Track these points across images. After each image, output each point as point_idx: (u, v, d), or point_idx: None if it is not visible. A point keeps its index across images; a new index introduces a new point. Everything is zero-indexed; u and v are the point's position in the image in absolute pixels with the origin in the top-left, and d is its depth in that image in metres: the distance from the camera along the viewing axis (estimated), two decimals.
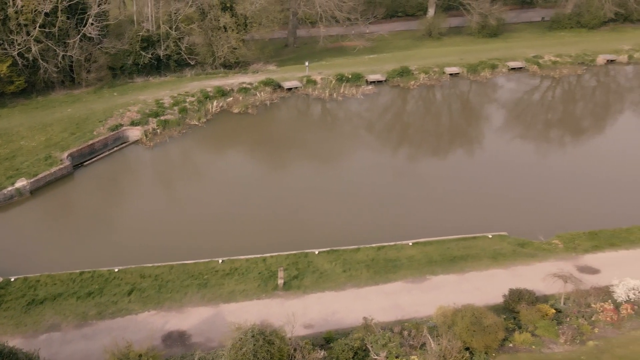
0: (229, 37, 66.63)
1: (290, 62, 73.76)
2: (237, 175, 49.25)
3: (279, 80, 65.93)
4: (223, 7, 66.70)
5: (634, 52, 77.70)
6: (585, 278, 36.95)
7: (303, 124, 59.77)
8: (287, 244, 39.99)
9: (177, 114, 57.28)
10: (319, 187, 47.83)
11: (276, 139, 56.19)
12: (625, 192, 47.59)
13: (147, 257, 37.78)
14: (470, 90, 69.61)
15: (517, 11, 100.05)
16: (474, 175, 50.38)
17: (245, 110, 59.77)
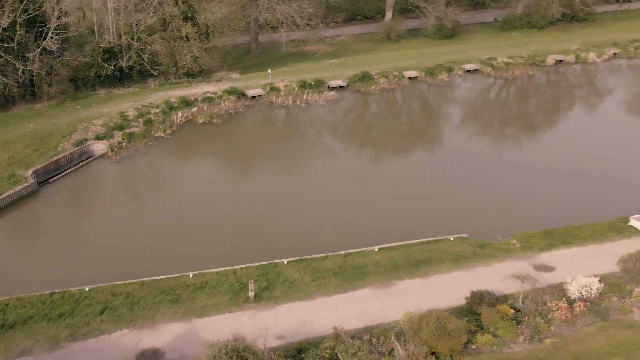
0: (191, 47, 66.12)
1: (253, 68, 73.60)
2: (204, 186, 49.05)
3: (242, 88, 65.79)
4: (184, 17, 66.11)
5: (581, 51, 79.98)
6: (541, 276, 38.30)
7: (268, 133, 59.69)
8: (257, 254, 40.21)
9: (142, 126, 56.66)
10: (286, 195, 48.12)
11: (242, 149, 56.04)
12: (575, 191, 49.18)
13: (118, 274, 37.54)
14: (428, 94, 70.65)
15: (470, 12, 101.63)
16: (434, 177, 51.34)
17: (210, 120, 59.47)
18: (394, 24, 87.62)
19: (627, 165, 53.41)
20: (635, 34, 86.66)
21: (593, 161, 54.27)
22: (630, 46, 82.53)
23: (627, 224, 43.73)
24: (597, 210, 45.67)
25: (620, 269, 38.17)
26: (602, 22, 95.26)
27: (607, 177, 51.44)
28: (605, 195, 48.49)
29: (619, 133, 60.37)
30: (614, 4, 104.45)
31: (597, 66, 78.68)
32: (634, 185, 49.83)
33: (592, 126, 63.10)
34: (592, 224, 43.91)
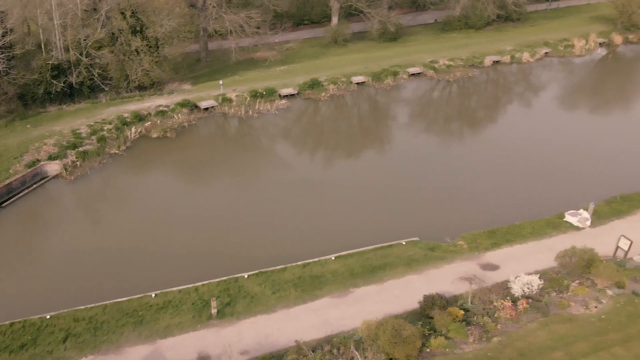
0: (142, 60, 65.01)
1: (204, 78, 72.90)
2: (162, 203, 48.54)
3: (195, 100, 65.17)
4: (133, 30, 64.88)
5: (515, 52, 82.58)
6: (487, 275, 39.78)
7: (222, 145, 59.33)
8: (218, 269, 40.23)
9: (95, 143, 55.48)
10: (243, 207, 48.14)
11: (197, 162, 55.48)
12: (516, 189, 50.98)
13: (79, 298, 36.91)
14: (376, 99, 71.62)
15: (412, 14, 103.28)
16: (385, 182, 52.12)
17: (164, 134, 58.69)
18: (340, 28, 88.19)
19: (561, 161, 55.58)
20: (564, 33, 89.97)
21: (530, 159, 56.19)
22: (559, 45, 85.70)
23: (562, 220, 45.79)
24: (535, 208, 47.52)
25: (558, 264, 39.88)
26: (533, 21, 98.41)
27: (543, 173, 53.54)
28: (543, 192, 50.43)
29: (553, 130, 62.71)
30: (544, 2, 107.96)
31: (531, 65, 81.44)
32: (568, 181, 52.11)
33: (528, 124, 65.04)
34: (531, 221, 45.71)
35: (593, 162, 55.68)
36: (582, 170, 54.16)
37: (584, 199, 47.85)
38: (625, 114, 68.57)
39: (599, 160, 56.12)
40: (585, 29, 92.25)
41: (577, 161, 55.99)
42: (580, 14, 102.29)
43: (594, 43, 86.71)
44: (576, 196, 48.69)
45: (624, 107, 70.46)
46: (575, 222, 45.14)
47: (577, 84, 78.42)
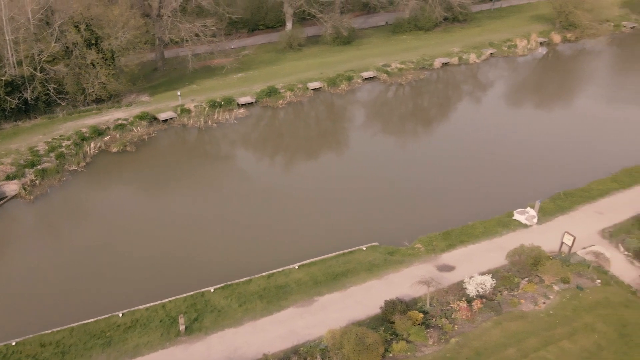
0: (98, 73, 63.63)
1: (162, 88, 71.87)
2: (124, 219, 47.85)
3: (153, 112, 64.20)
4: (88, 43, 63.40)
5: (463, 53, 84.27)
6: (444, 276, 40.88)
7: (182, 157, 58.37)
8: (184, 284, 40.11)
9: (54, 160, 54.10)
10: (206, 220, 47.91)
11: (158, 176, 54.58)
12: (467, 189, 52.15)
13: (45, 322, 36.25)
14: (332, 104, 71.79)
15: (364, 17, 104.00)
16: (344, 187, 52.61)
17: (124, 148, 57.63)
18: (295, 33, 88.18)
19: (509, 160, 57.09)
20: (507, 34, 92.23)
21: (480, 158, 57.53)
22: (503, 45, 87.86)
23: (512, 218, 47.29)
24: (486, 207, 48.72)
25: (509, 263, 41.25)
26: (479, 22, 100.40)
27: (493, 172, 54.96)
28: (493, 192, 51.69)
29: (500, 129, 64.22)
30: (488, 2, 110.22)
31: (478, 66, 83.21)
32: (516, 179, 53.62)
33: (477, 124, 66.28)
34: (483, 221, 46.98)
35: (538, 159, 57.38)
36: (528, 168, 55.74)
37: (531, 196, 49.63)
38: (566, 110, 70.75)
39: (544, 157, 57.92)
40: (526, 28, 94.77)
41: (523, 159, 57.62)
42: (521, 14, 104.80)
43: (535, 43, 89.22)
44: (524, 194, 50.39)
45: (564, 105, 72.68)
46: (524, 220, 46.68)
47: (520, 83, 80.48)
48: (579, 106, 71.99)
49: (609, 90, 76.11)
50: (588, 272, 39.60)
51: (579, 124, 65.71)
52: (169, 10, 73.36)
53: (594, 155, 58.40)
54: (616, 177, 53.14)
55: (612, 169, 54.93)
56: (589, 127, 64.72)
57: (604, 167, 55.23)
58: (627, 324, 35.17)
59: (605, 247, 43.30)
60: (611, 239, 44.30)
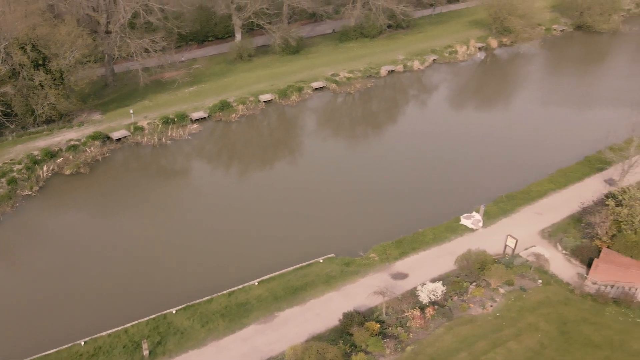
0: (47, 94, 61.76)
1: (114, 104, 70.28)
2: (81, 244, 46.67)
3: (106, 131, 62.77)
4: (35, 64, 61.43)
5: (407, 61, 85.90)
6: (398, 284, 41.92)
7: (138, 177, 57.30)
8: (145, 307, 39.66)
9: (5, 186, 52.16)
10: (163, 240, 47.32)
11: (114, 197, 53.32)
12: (416, 197, 53.40)
13: (4, 356, 35.23)
14: (284, 116, 71.89)
15: (311, 25, 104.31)
16: (298, 199, 52.94)
17: (78, 170, 55.99)
18: (244, 44, 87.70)
19: (454, 165, 58.72)
20: (448, 40, 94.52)
21: (426, 165, 58.87)
22: (445, 52, 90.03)
23: (459, 223, 48.82)
24: (435, 214, 50.10)
25: (457, 268, 42.64)
26: (421, 28, 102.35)
27: (440, 178, 56.38)
28: (441, 198, 53.12)
29: (444, 136, 65.72)
30: (429, 8, 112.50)
31: (422, 73, 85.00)
32: (461, 185, 55.16)
33: (422, 131, 67.60)
34: (432, 227, 48.29)
35: (482, 163, 59.27)
36: (473, 173, 57.50)
37: (476, 200, 51.29)
38: (505, 114, 73.29)
39: (486, 161, 59.84)
40: (465, 34, 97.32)
41: (468, 164, 59.46)
42: (460, 19, 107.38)
43: (474, 48, 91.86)
44: (469, 199, 52.03)
45: (503, 108, 75.29)
46: (470, 224, 48.26)
47: (461, 88, 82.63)
48: (516, 109, 74.64)
49: (543, 92, 79.14)
50: (530, 273, 41.41)
51: (517, 127, 67.98)
52: (117, 27, 71.77)
53: (532, 157, 60.69)
54: (553, 178, 55.53)
55: (548, 170, 57.40)
56: (527, 129, 67.10)
57: (542, 168, 57.68)
58: (567, 321, 37.05)
59: (545, 247, 45.37)
60: (550, 239, 46.40)
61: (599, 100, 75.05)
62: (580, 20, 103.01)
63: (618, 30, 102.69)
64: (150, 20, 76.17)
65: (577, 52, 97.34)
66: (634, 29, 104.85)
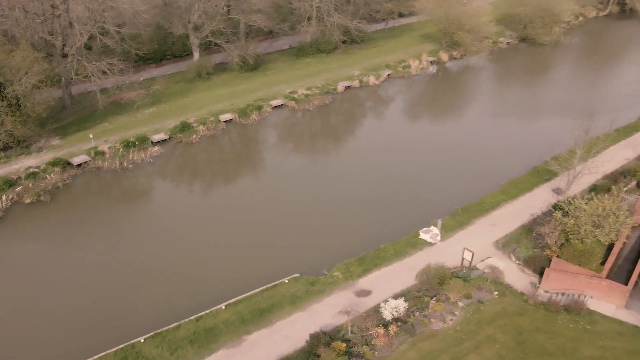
0: (4, 121, 59.88)
1: (73, 128, 68.62)
2: (43, 274, 45.37)
3: (66, 156, 61.23)
4: None
5: (363, 76, 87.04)
6: (362, 302, 42.50)
7: (100, 203, 55.85)
8: (112, 336, 39.00)
9: None
10: (127, 267, 46.52)
11: (75, 225, 51.70)
12: (376, 213, 54.05)
13: None
14: (244, 136, 71.34)
15: (268, 41, 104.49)
16: (260, 219, 52.86)
17: (38, 198, 54.37)
18: (202, 62, 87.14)
19: (412, 180, 59.71)
20: (401, 54, 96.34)
21: (383, 181, 59.40)
22: (399, 66, 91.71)
23: (418, 238, 49.82)
24: (395, 229, 50.94)
25: (418, 283, 43.55)
26: (375, 42, 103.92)
27: (398, 194, 57.01)
28: (400, 213, 53.78)
29: (400, 150, 66.74)
30: (382, 22, 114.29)
31: (377, 88, 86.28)
32: (419, 199, 56.15)
33: (379, 147, 67.87)
34: (393, 243, 49.06)
35: (437, 176, 60.55)
36: (429, 186, 58.62)
37: (434, 214, 52.46)
38: (457, 126, 74.82)
39: (442, 173, 61.17)
40: (417, 48, 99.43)
41: (424, 177, 60.53)
42: (412, 33, 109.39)
43: (426, 62, 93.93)
44: (427, 212, 53.09)
45: (455, 121, 76.97)
46: (429, 238, 49.32)
47: (415, 102, 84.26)
48: (468, 121, 76.56)
49: (493, 104, 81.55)
50: (487, 285, 42.67)
51: (470, 139, 69.57)
52: (73, 50, 70.30)
53: (484, 168, 62.36)
54: (504, 189, 57.29)
55: (500, 180, 59.20)
56: (479, 141, 68.85)
57: (494, 179, 59.39)
58: (523, 331, 38.37)
59: (499, 257, 46.83)
60: (504, 250, 47.90)
61: (544, 110, 77.84)
62: (524, 33, 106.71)
63: (559, 42, 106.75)
64: (107, 43, 74.88)
65: (523, 64, 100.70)
66: (574, 39, 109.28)
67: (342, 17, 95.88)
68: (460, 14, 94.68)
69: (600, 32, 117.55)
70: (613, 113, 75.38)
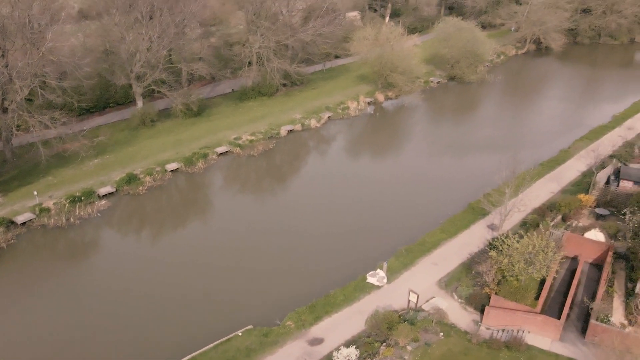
0: None
1: (15, 183, 65.87)
2: None
3: (9, 215, 58.53)
4: None
5: (304, 119, 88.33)
6: (315, 350, 42.70)
7: (47, 263, 53.26)
8: None
9: None
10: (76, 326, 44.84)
11: (20, 288, 49.35)
12: (324, 258, 54.52)
13: None
14: (191, 185, 70.40)
15: (210, 86, 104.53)
16: (209, 271, 52.25)
17: None
18: (146, 109, 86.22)
19: (359, 224, 60.44)
20: (340, 96, 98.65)
21: (329, 225, 59.87)
22: (338, 108, 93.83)
23: (366, 282, 50.66)
24: (344, 274, 51.43)
25: (368, 328, 44.23)
26: (314, 84, 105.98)
27: (343, 238, 57.64)
28: (347, 257, 54.41)
29: (343, 193, 67.62)
30: (320, 64, 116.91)
31: (319, 130, 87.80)
32: (365, 242, 57.18)
33: (322, 191, 68.60)
34: (342, 288, 49.53)
35: (380, 218, 61.79)
36: (373, 227, 59.81)
37: (379, 256, 53.65)
38: (396, 166, 76.93)
39: (384, 215, 62.54)
40: (355, 89, 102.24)
41: (368, 217, 61.79)
42: (348, 74, 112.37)
43: (364, 103, 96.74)
44: (373, 254, 54.29)
45: (394, 161, 79.05)
46: (375, 282, 50.30)
47: (354, 144, 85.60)
48: (406, 160, 78.93)
49: (427, 142, 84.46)
50: (432, 327, 43.91)
51: (408, 178, 71.73)
52: (14, 105, 67.93)
53: (424, 207, 64.39)
54: (444, 228, 59.30)
55: (439, 219, 61.26)
56: (417, 179, 71.12)
57: (434, 218, 61.41)
58: None
59: (443, 297, 48.38)
60: (447, 289, 49.51)
61: (474, 147, 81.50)
62: (452, 72, 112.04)
63: (484, 80, 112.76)
64: (48, 97, 72.78)
65: (453, 102, 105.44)
66: (497, 77, 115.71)
67: (281, 62, 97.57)
68: (392, 57, 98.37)
69: (520, 70, 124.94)
70: (536, 148, 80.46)
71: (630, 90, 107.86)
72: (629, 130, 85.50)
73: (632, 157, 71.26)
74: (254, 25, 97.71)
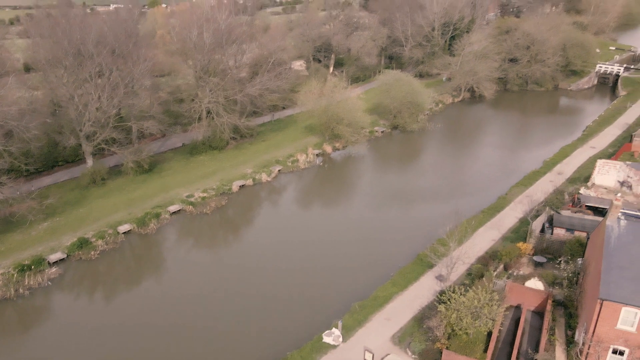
0: None
1: None
2: None
3: None
4: None
5: (255, 174, 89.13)
6: None
7: None
8: None
9: None
10: None
11: None
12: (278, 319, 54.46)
13: None
14: (144, 247, 69.24)
15: (161, 140, 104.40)
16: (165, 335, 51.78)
17: None
18: (96, 167, 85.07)
19: (307, 280, 61.12)
20: (289, 148, 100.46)
21: (282, 285, 60.15)
22: (287, 161, 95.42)
23: (322, 342, 51.16)
24: (299, 334, 51.72)
25: None
26: (264, 136, 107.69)
27: (297, 296, 57.88)
28: (301, 315, 55.05)
29: (294, 249, 68.19)
30: (268, 114, 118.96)
31: (270, 184, 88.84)
32: (317, 300, 57.77)
33: (274, 247, 68.75)
34: (299, 350, 49.50)
35: (332, 273, 62.63)
36: (326, 282, 60.68)
37: (334, 314, 54.45)
38: (344, 218, 78.08)
39: (335, 270, 63.35)
40: (303, 141, 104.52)
41: (320, 273, 62.45)
42: (296, 124, 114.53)
43: (312, 155, 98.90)
44: (327, 312, 55.06)
45: (342, 213, 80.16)
46: (332, 341, 50.87)
47: (305, 196, 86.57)
48: (354, 212, 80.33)
49: (374, 193, 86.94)
50: None
51: (357, 230, 73.15)
52: None
53: (374, 260, 65.91)
54: (394, 281, 60.77)
55: (390, 271, 62.93)
56: (365, 232, 72.78)
57: (384, 270, 63.04)
58: None
59: (397, 353, 49.52)
60: (400, 344, 50.72)
61: (419, 196, 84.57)
62: (395, 121, 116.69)
63: (425, 128, 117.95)
64: None
65: (397, 150, 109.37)
66: (437, 125, 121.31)
67: (230, 116, 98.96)
68: (338, 110, 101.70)
69: (458, 117, 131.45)
70: (476, 194, 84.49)
71: (558, 135, 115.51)
72: (559, 175, 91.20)
73: (563, 204, 76.05)
74: (203, 81, 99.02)
